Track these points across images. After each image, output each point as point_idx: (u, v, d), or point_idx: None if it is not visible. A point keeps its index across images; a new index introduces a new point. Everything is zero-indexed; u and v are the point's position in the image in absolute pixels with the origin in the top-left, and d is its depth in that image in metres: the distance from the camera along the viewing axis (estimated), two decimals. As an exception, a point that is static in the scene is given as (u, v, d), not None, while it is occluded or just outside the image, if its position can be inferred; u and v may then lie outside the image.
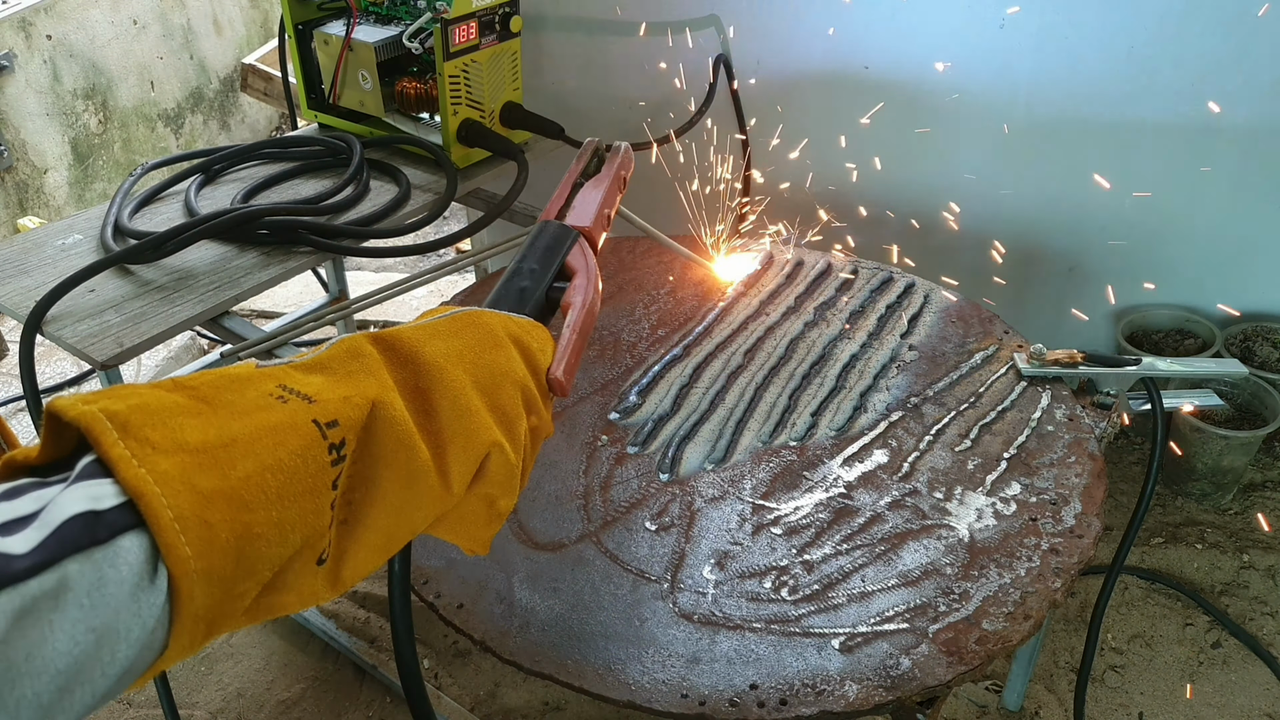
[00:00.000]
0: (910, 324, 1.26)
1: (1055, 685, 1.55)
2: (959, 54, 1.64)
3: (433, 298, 2.66)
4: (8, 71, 2.75)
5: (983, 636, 0.83)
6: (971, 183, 1.76)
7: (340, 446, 0.45)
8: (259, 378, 0.45)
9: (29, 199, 2.90)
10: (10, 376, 2.40)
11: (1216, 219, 1.67)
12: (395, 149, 1.54)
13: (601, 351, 1.24)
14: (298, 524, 0.42)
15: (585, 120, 1.91)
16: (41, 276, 1.21)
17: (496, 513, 0.57)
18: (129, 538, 0.36)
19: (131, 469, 0.37)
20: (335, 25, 1.52)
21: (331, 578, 0.47)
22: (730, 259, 1.37)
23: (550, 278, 0.67)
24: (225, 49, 3.58)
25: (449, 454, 0.51)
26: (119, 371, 1.29)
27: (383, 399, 0.48)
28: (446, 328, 0.55)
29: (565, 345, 0.63)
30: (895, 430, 1.08)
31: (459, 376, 0.52)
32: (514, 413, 0.55)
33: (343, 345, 0.50)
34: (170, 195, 1.42)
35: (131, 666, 0.37)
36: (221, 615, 0.40)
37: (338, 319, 1.31)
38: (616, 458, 1.06)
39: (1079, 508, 0.96)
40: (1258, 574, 1.71)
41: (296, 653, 1.68)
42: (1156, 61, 1.53)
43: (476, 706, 1.54)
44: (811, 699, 0.79)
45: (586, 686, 0.81)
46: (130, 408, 0.39)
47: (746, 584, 0.90)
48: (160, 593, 0.37)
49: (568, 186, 0.77)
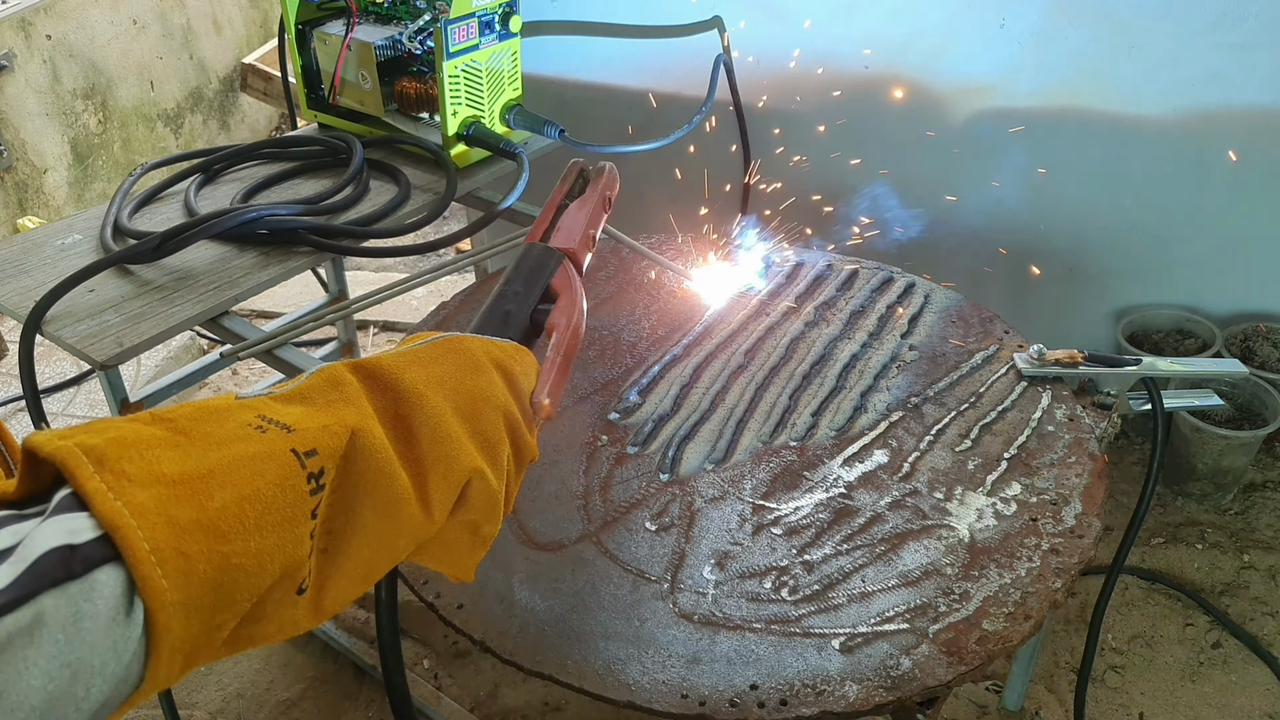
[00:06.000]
0: (910, 324, 1.26)
1: (1055, 685, 1.55)
2: (960, 54, 1.64)
3: (433, 298, 2.66)
4: (7, 71, 2.75)
5: (983, 637, 0.83)
6: (972, 182, 1.76)
7: (319, 475, 0.45)
8: (238, 409, 0.45)
9: (28, 199, 2.90)
10: (10, 376, 2.40)
11: (1216, 219, 1.67)
12: (395, 149, 1.54)
13: (601, 351, 1.23)
14: (276, 554, 0.42)
15: (586, 120, 1.91)
16: (41, 276, 1.21)
17: (480, 539, 0.57)
18: (105, 571, 0.36)
19: (107, 502, 0.37)
20: (335, 25, 1.52)
21: (312, 607, 0.47)
22: (722, 274, 1.36)
23: (535, 300, 0.67)
24: (225, 49, 3.58)
25: (430, 481, 0.51)
26: (119, 371, 1.29)
27: (362, 427, 0.48)
28: (427, 354, 0.55)
29: (549, 368, 0.63)
30: (895, 430, 1.08)
31: (439, 403, 0.52)
32: (496, 438, 0.55)
33: (322, 374, 0.50)
34: (170, 195, 1.42)
35: (107, 701, 0.37)
36: (200, 647, 0.40)
37: (337, 319, 1.31)
38: (616, 458, 1.06)
39: (1079, 508, 0.96)
40: (1258, 574, 1.71)
41: (296, 653, 1.67)
42: (1156, 61, 1.53)
43: (476, 706, 1.54)
44: (812, 699, 0.79)
45: (586, 687, 0.81)
46: (106, 441, 0.39)
47: (746, 584, 0.90)
48: (137, 626, 0.37)
49: (552, 208, 0.77)
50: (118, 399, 1.31)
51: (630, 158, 1.47)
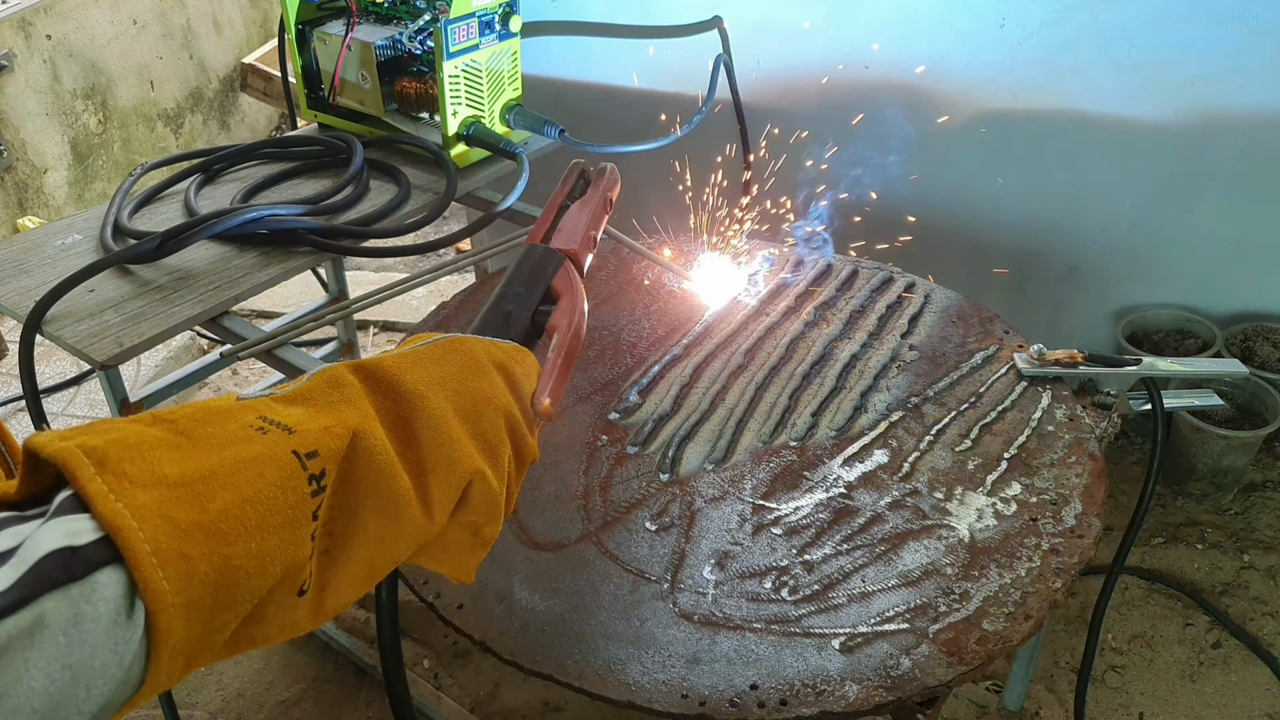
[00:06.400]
0: (910, 324, 1.26)
1: (1055, 685, 1.55)
2: (959, 54, 1.64)
3: (433, 298, 2.66)
4: (7, 71, 2.75)
5: (983, 636, 0.83)
6: (972, 182, 1.76)
7: (320, 477, 0.45)
8: (239, 410, 0.45)
9: (28, 199, 2.90)
10: (10, 376, 2.40)
11: (1216, 219, 1.67)
12: (395, 149, 1.54)
13: (601, 351, 1.23)
14: (277, 555, 0.42)
15: (586, 120, 1.91)
16: (41, 276, 1.21)
17: (481, 540, 0.57)
18: (106, 573, 0.36)
19: (108, 503, 0.37)
20: (335, 25, 1.52)
21: (313, 608, 0.47)
22: (722, 274, 1.36)
23: (536, 301, 0.67)
24: (225, 49, 3.57)
25: (430, 483, 0.51)
26: (119, 371, 1.29)
27: (363, 429, 0.48)
28: (428, 355, 0.55)
29: (550, 370, 0.63)
30: (895, 430, 1.08)
31: (440, 404, 0.52)
32: (497, 439, 0.55)
33: (324, 375, 0.50)
34: (170, 195, 1.42)
35: (108, 702, 0.37)
36: (200, 648, 0.40)
37: (337, 319, 1.31)
38: (616, 458, 1.06)
39: (1079, 508, 0.96)
40: (1258, 574, 1.71)
41: (296, 653, 1.67)
42: (1156, 61, 1.53)
43: (476, 706, 1.54)
44: (812, 699, 0.79)
45: (586, 687, 0.81)
46: (108, 443, 0.39)
47: (747, 584, 0.90)
48: (138, 628, 0.37)
49: (553, 209, 0.77)
50: (118, 399, 1.31)
51: (630, 158, 1.47)
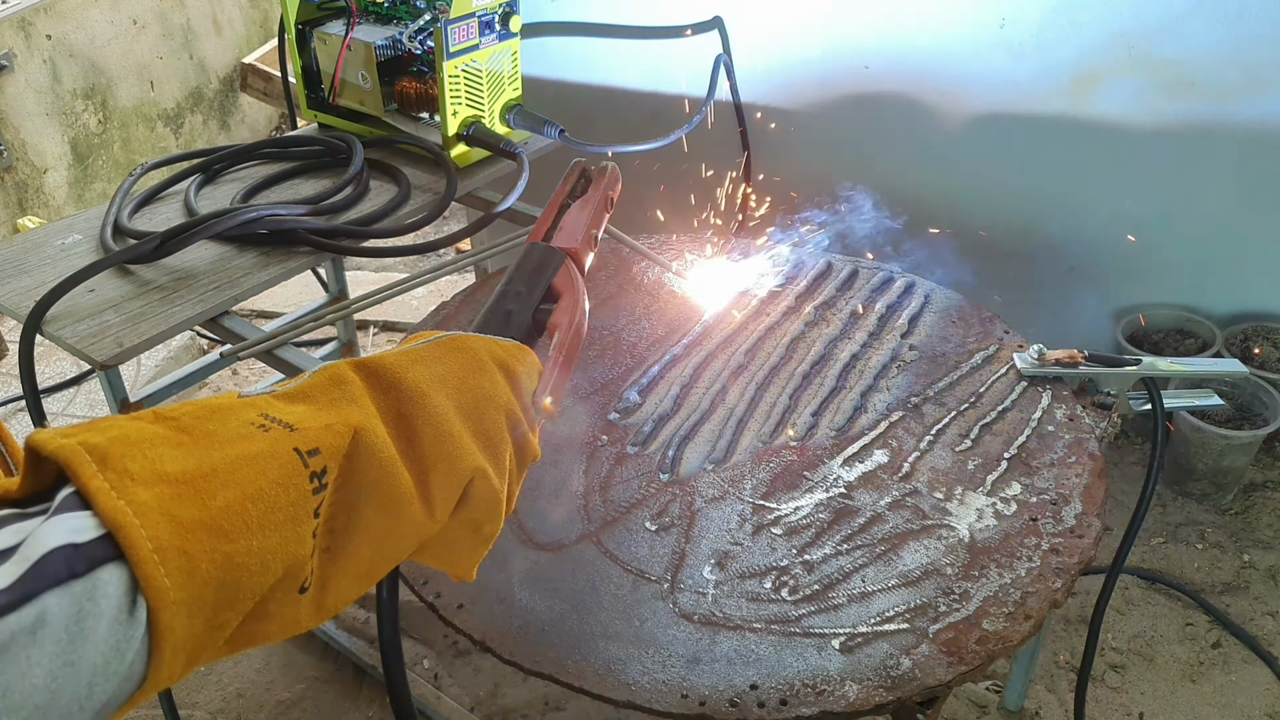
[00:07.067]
0: (910, 324, 1.26)
1: (1055, 685, 1.55)
2: (959, 53, 1.64)
3: (433, 298, 2.66)
4: (7, 71, 2.75)
5: (983, 636, 0.83)
6: (972, 182, 1.76)
7: (322, 474, 0.45)
8: (240, 407, 0.45)
9: (28, 199, 2.90)
10: (10, 376, 2.40)
11: (1216, 219, 1.67)
12: (395, 149, 1.54)
13: (601, 351, 1.23)
14: (279, 553, 0.42)
15: (585, 120, 1.91)
16: (41, 276, 1.21)
17: (482, 538, 0.56)
18: (108, 570, 0.36)
19: (110, 500, 0.37)
20: (335, 25, 1.52)
21: (315, 606, 0.47)
22: (721, 274, 1.36)
23: (537, 300, 0.67)
24: (225, 49, 3.57)
25: (432, 480, 0.51)
26: (119, 371, 1.29)
27: (365, 426, 0.48)
28: (430, 353, 0.55)
29: (551, 368, 0.63)
30: (895, 430, 1.08)
31: (441, 402, 0.52)
32: (498, 438, 0.55)
33: (325, 373, 0.50)
34: (170, 195, 1.42)
35: (110, 699, 0.37)
36: (202, 646, 0.40)
37: (337, 319, 1.30)
38: (616, 458, 1.06)
39: (1079, 508, 0.96)
40: (1258, 574, 1.71)
41: (296, 653, 1.67)
42: (1157, 61, 1.53)
43: (476, 706, 1.54)
44: (812, 699, 0.79)
45: (586, 687, 0.81)
46: (109, 440, 0.39)
47: (747, 584, 0.90)
48: (139, 625, 0.37)
49: (554, 208, 0.77)
50: (118, 399, 1.31)
51: (630, 158, 1.47)
